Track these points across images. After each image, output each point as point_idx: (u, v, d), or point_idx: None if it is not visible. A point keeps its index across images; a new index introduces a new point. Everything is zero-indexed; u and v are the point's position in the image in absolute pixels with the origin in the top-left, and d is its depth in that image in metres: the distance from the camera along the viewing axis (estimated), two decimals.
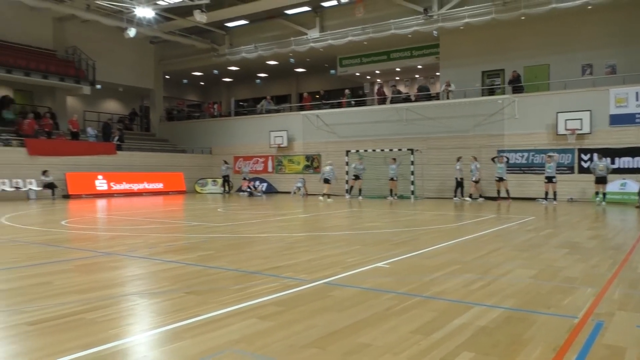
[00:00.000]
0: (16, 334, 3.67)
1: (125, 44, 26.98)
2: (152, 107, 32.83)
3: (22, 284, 5.39)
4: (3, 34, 24.45)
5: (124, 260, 6.87)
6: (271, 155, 27.78)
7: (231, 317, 4.04)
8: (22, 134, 22.68)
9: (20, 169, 21.31)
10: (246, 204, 18.85)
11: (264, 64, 30.03)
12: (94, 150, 24.62)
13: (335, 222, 12.65)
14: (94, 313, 4.20)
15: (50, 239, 8.96)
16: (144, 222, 12.16)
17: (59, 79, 25.46)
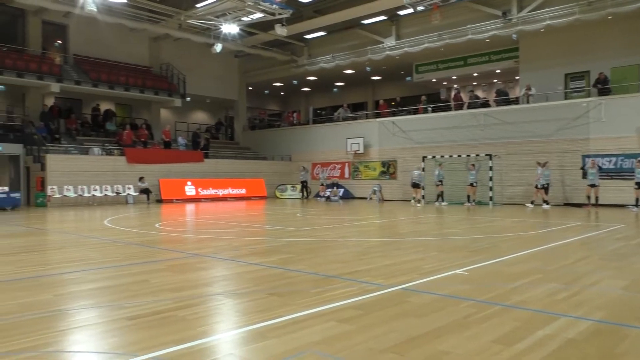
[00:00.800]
0: (117, 328, 4.06)
1: (212, 58, 28.48)
2: (236, 117, 34.29)
3: (123, 281, 5.92)
4: (107, 54, 26.75)
5: (211, 261, 7.30)
6: (348, 161, 28.04)
7: (312, 319, 4.22)
8: (122, 144, 24.64)
9: (120, 175, 23.11)
10: (324, 209, 19.17)
11: (341, 73, 30.44)
12: (184, 158, 26.15)
13: (412, 227, 12.57)
14: (185, 311, 4.55)
15: (146, 240, 9.69)
16: (228, 225, 12.76)
17: (154, 93, 27.38)
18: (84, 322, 4.30)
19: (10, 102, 24.86)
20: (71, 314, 4.52)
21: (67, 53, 26.21)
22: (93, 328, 4.12)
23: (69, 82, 24.28)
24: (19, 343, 3.68)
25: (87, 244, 9.42)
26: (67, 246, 9.27)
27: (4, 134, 22.45)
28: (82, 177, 21.91)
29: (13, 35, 25.31)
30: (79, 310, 4.64)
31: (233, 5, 21.72)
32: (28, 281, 5.98)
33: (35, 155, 21.86)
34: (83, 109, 27.49)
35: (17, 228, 12.66)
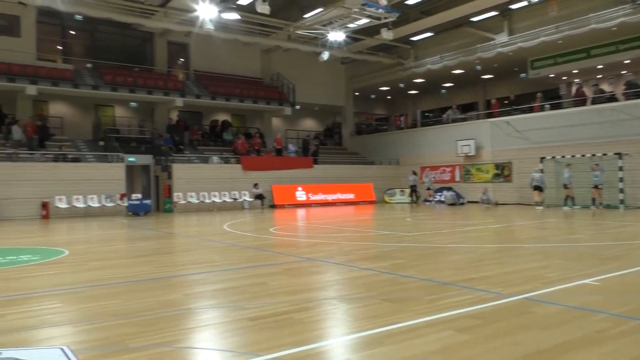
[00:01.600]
0: (239, 328, 4.29)
1: (319, 66, 29.18)
2: (343, 123, 34.76)
3: (242, 283, 6.25)
4: (223, 68, 28.56)
5: (323, 265, 7.45)
6: (458, 164, 27.13)
7: (427, 327, 4.14)
8: (238, 152, 26.10)
9: (236, 182, 24.49)
10: (434, 214, 18.72)
11: (449, 73, 29.60)
12: (295, 164, 27.04)
13: (531, 233, 11.83)
14: (302, 314, 4.69)
15: (262, 244, 10.15)
16: (339, 230, 12.95)
17: (266, 103, 28.70)
18: (209, 321, 4.60)
19: (142, 117, 27.43)
20: (198, 313, 4.87)
21: (188, 70, 28.39)
22: (217, 327, 4.40)
23: (190, 96, 26.29)
24: (155, 338, 4.04)
25: (209, 247, 10.08)
26: (192, 249, 9.99)
27: (136, 146, 24.80)
28: (203, 185, 23.52)
29: (143, 57, 27.96)
30: (205, 310, 4.98)
31: (339, 13, 22.09)
32: (161, 281, 6.55)
33: (163, 164, 23.88)
34: (203, 120, 29.53)
35: (149, 232, 13.90)
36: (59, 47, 25.97)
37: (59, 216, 19.93)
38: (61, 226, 16.27)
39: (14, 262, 8.20)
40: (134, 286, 6.22)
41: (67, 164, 21.27)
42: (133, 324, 4.41)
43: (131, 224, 16.61)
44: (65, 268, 7.74)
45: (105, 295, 5.70)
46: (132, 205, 20.72)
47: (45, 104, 24.72)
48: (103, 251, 9.91)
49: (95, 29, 26.32)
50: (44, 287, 6.32)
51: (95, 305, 5.16)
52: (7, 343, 3.92)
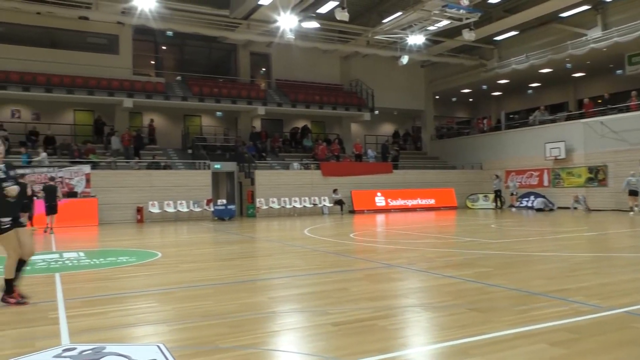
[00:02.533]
0: (324, 333, 4.33)
1: (398, 71, 28.95)
2: (423, 127, 34.18)
3: (325, 288, 6.32)
4: (303, 76, 29.18)
5: (405, 272, 7.36)
6: (547, 168, 25.73)
7: (518, 339, 3.96)
8: (317, 158, 26.47)
9: (316, 188, 24.83)
10: (521, 220, 17.87)
11: (535, 72, 28.21)
12: (374, 169, 26.95)
13: (628, 241, 10.97)
14: (385, 320, 4.66)
15: (342, 250, 10.21)
16: (420, 236, 12.73)
17: (344, 109, 28.91)
18: (294, 325, 4.70)
19: (226, 126, 28.59)
20: (282, 316, 4.98)
21: (270, 79, 29.27)
22: (302, 331, 4.47)
23: (272, 104, 27.06)
24: (243, 339, 4.18)
25: (291, 252, 10.29)
26: (275, 253, 10.24)
27: (221, 153, 25.88)
28: (284, 190, 24.06)
29: (227, 68, 29.20)
30: (289, 313, 5.08)
31: (419, 17, 21.80)
32: (247, 284, 6.78)
33: (246, 171, 24.72)
34: (284, 127, 30.25)
35: (234, 236, 14.44)
36: (152, 62, 27.74)
37: (151, 220, 21.22)
38: (154, 230, 17.31)
39: (113, 263, 8.83)
40: (222, 288, 6.48)
41: (159, 171, 22.62)
42: (222, 325, 4.60)
43: (217, 228, 17.33)
44: (159, 270, 8.23)
45: (195, 296, 5.99)
46: (217, 210, 21.61)
47: (139, 115, 26.47)
48: (192, 254, 10.42)
49: (184, 44, 27.84)
50: (140, 287, 6.76)
51: (187, 306, 5.43)
52: (109, 339, 4.23)
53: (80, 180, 20.24)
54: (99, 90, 23.29)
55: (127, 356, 3.70)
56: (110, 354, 3.74)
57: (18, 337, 4.38)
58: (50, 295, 6.12)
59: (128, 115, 25.35)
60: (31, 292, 6.70)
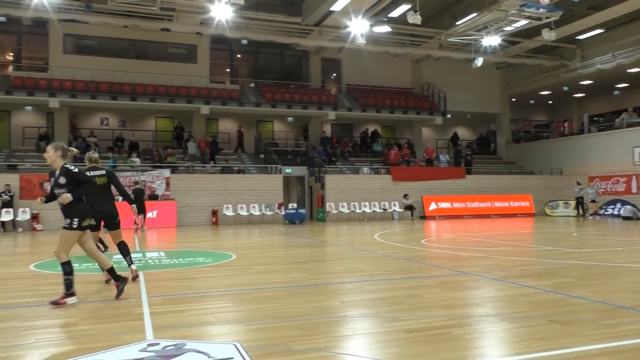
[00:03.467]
0: (397, 339, 4.28)
1: (472, 73, 28.20)
2: (498, 131, 33.03)
3: (396, 294, 6.25)
4: (373, 80, 29.19)
5: (480, 280, 7.13)
6: (635, 173, 24.02)
7: (604, 355, 3.73)
8: (388, 163, 26.29)
9: (386, 193, 24.66)
10: (606, 229, 16.77)
11: (623, 72, 26.48)
12: (446, 174, 26.37)
13: None
14: (459, 329, 4.54)
15: (413, 256, 10.06)
16: (495, 244, 12.28)
17: (416, 113, 28.53)
18: (366, 330, 4.69)
19: (297, 131, 29.06)
20: (355, 321, 4.99)
21: (340, 84, 29.46)
22: (375, 336, 4.46)
23: (342, 109, 27.21)
24: (315, 342, 4.23)
25: (361, 257, 10.27)
26: (345, 257, 10.27)
27: (292, 158, 26.33)
28: (354, 195, 24.09)
29: (299, 74, 29.71)
30: (361, 318, 5.08)
31: (495, 17, 21.13)
32: (318, 287, 6.85)
33: (316, 175, 24.99)
34: (354, 132, 30.30)
35: (305, 240, 14.63)
36: (227, 69, 28.78)
37: (226, 223, 21.95)
38: (228, 232, 17.89)
39: (191, 264, 9.22)
40: (293, 291, 6.59)
41: (233, 175, 23.39)
42: (294, 327, 4.68)
43: (288, 231, 17.64)
44: (234, 271, 8.49)
45: (268, 298, 6.13)
46: (288, 214, 22.00)
47: (215, 121, 27.50)
48: (265, 256, 10.67)
49: (258, 51, 28.67)
50: (217, 287, 7.01)
51: (260, 307, 5.57)
52: (189, 335, 4.42)
53: (161, 183, 21.32)
54: (178, 98, 24.47)
55: (206, 353, 3.85)
56: (191, 351, 3.91)
57: (107, 331, 4.68)
58: (135, 292, 6.49)
59: (205, 121, 26.41)
60: None
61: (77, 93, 23.03)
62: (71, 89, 22.96)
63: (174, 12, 22.58)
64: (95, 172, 6.99)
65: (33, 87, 22.54)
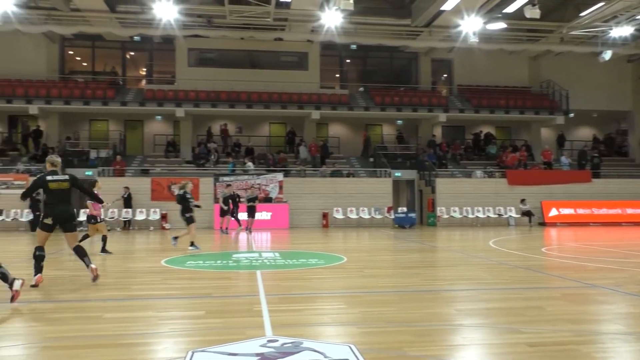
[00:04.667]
0: (519, 352, 4.06)
1: (598, 68, 26.00)
2: (630, 130, 30.02)
3: (515, 304, 5.95)
4: (486, 80, 28.04)
5: (611, 294, 6.54)
6: None
7: None
8: (503, 166, 25.05)
9: (501, 197, 23.50)
10: None
11: None
12: (568, 178, 24.50)
13: None
14: (589, 346, 4.21)
15: (533, 265, 9.48)
16: (627, 254, 11.17)
17: (534, 112, 26.90)
18: (483, 340, 4.52)
19: (407, 134, 28.73)
20: (471, 330, 4.83)
21: (451, 85, 28.66)
22: (493, 348, 4.28)
23: (454, 111, 26.45)
24: (430, 349, 4.17)
25: (475, 264, 9.90)
26: (458, 264, 9.96)
27: (401, 162, 26.07)
28: (466, 199, 23.25)
29: (408, 76, 29.41)
30: (478, 328, 4.91)
31: (626, 5, 19.30)
32: (431, 294, 6.73)
33: (427, 179, 24.50)
34: (465, 134, 29.27)
35: (415, 244, 14.42)
36: (337, 75, 29.28)
37: (335, 225, 22.31)
38: (338, 235, 18.17)
39: (304, 265, 9.51)
40: (405, 296, 6.54)
41: (342, 179, 23.72)
42: (408, 332, 4.65)
43: (397, 235, 17.50)
44: (345, 273, 8.62)
45: (380, 302, 6.15)
46: (398, 218, 21.81)
47: (325, 126, 28.10)
48: (375, 260, 10.70)
49: (366, 55, 28.84)
50: (329, 288, 7.17)
51: (373, 310, 5.60)
52: (305, 334, 4.57)
53: (275, 187, 22.24)
54: (290, 104, 25.36)
55: (322, 352, 3.97)
56: (307, 349, 4.05)
57: (230, 325, 5.00)
58: (253, 289, 6.86)
59: (315, 126, 27.10)
60: (238, 286, 7.59)
61: (199, 102, 24.82)
62: (194, 99, 24.79)
63: (286, 22, 23.48)
64: (55, 176, 7.04)
65: (162, 98, 24.68)
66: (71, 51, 27.42)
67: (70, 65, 27.51)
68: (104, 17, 22.27)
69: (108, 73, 27.28)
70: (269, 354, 3.94)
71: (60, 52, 26.29)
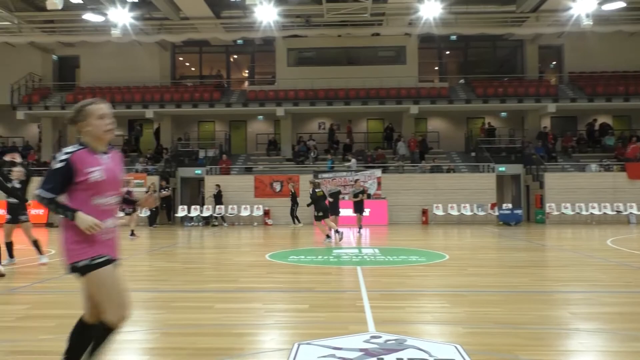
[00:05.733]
0: None
1: None
2: None
3: (637, 309, 5.45)
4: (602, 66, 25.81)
5: None
6: None
7: None
8: (622, 159, 22.96)
9: (619, 193, 21.56)
10: None
11: None
12: None
13: None
14: None
15: None
16: None
17: None
18: (604, 347, 4.21)
19: (511, 126, 27.30)
20: (587, 335, 4.50)
21: (561, 72, 26.76)
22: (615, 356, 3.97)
23: (564, 100, 24.66)
24: (543, 354, 3.94)
25: (591, 264, 9.20)
26: (571, 264, 9.31)
27: (506, 155, 24.83)
28: (578, 195, 21.62)
29: (513, 66, 27.91)
30: (596, 333, 4.56)
31: None
32: (541, 295, 6.35)
33: (534, 174, 23.11)
34: (578, 125, 27.18)
35: (521, 243, 13.69)
36: (435, 67, 28.54)
37: (435, 222, 21.80)
38: (438, 232, 17.75)
39: (405, 262, 9.41)
40: (513, 297, 6.24)
41: (443, 174, 23.11)
42: (518, 335, 4.43)
43: (502, 233, 16.71)
44: (447, 271, 8.40)
45: (486, 301, 5.92)
46: (502, 214, 20.82)
47: (424, 120, 27.53)
48: (478, 258, 10.31)
49: (467, 46, 27.79)
50: (432, 286, 7.04)
51: (479, 311, 5.41)
52: (408, 332, 4.53)
53: (373, 183, 22.20)
54: (388, 99, 25.15)
55: (427, 351, 3.91)
56: (411, 347, 4.01)
57: (333, 320, 5.09)
58: (354, 285, 6.91)
59: (413, 121, 26.64)
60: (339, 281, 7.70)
61: (298, 101, 25.43)
62: (294, 98, 25.44)
63: (383, 17, 23.29)
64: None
65: (263, 98, 25.61)
66: (181, 57, 29.33)
67: (180, 70, 29.44)
68: (210, 23, 23.57)
69: (214, 76, 28.83)
70: (372, 350, 3.95)
71: (172, 59, 28.22)
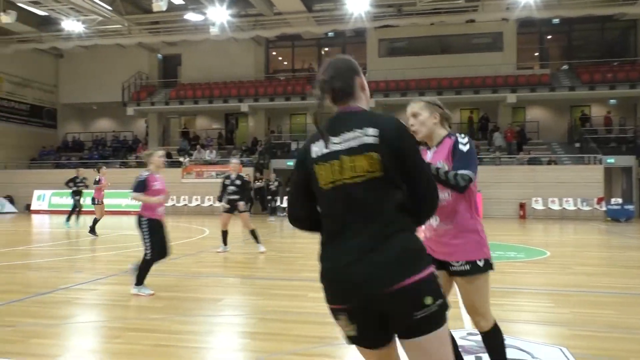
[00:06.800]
0: None
1: None
2: None
3: None
4: None
5: None
6: None
7: None
8: None
9: None
10: None
11: None
12: None
13: None
14: None
15: None
16: None
17: None
18: None
19: (622, 115, 25.09)
20: None
21: None
22: None
23: None
24: None
25: None
26: None
27: (616, 146, 22.90)
28: None
29: (624, 49, 25.61)
30: None
31: None
32: None
33: None
34: None
35: (632, 241, 12.60)
36: (535, 53, 26.91)
37: (534, 217, 20.64)
38: (537, 227, 16.80)
39: (502, 257, 8.99)
40: (628, 299, 5.75)
41: (542, 166, 21.79)
42: (636, 341, 4.08)
43: (610, 230, 15.47)
44: (549, 269, 7.92)
45: (595, 302, 5.51)
46: (611, 210, 19.26)
47: (522, 110, 26.09)
48: (584, 256, 9.63)
49: (571, 29, 25.93)
50: (532, 284, 6.67)
51: (587, 312, 5.05)
52: (507, 332, 4.30)
53: None
54: (483, 88, 24.10)
55: (529, 352, 3.71)
56: (512, 347, 3.82)
57: None
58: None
59: (511, 110, 25.33)
60: None
61: (389, 92, 25.12)
62: (384, 89, 25.17)
63: (478, 2, 22.28)
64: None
65: None
66: (274, 52, 30.08)
67: (273, 65, 30.22)
68: (302, 17, 23.90)
69: (306, 70, 29.27)
70: (469, 347, 3.82)
71: (266, 54, 29.03)
